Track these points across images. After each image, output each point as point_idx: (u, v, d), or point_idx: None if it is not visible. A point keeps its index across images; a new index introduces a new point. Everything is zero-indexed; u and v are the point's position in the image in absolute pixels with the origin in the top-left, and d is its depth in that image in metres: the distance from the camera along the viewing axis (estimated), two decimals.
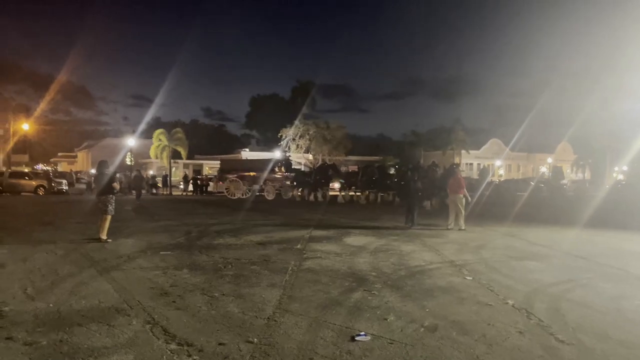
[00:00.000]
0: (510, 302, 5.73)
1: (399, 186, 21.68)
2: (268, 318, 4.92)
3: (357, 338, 4.35)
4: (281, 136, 55.22)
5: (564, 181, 37.88)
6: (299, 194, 28.79)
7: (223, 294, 5.85)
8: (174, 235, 11.19)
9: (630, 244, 11.23)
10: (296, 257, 8.50)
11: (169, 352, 3.95)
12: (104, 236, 10.06)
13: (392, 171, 30.52)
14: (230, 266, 7.61)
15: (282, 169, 30.25)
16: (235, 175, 30.11)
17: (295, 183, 29.18)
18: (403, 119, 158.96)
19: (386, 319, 4.97)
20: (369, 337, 4.38)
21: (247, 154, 55.30)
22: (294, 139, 54.48)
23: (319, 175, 27.84)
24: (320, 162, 38.51)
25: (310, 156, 54.36)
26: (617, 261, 8.72)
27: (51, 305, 5.26)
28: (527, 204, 23.54)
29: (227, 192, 29.83)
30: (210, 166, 52.79)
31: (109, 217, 10.26)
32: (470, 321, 4.96)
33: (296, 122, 54.38)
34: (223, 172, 32.73)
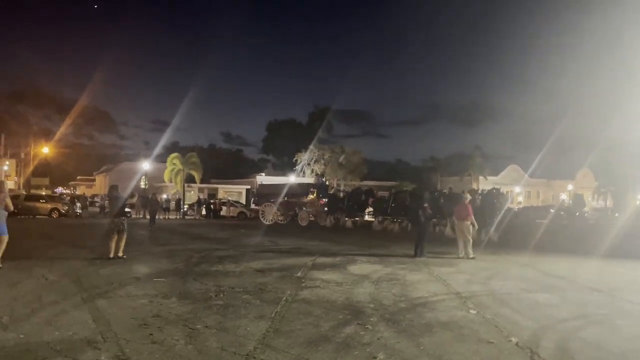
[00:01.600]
0: (514, 339, 5.27)
1: (410, 213, 20.73)
2: (247, 355, 4.56)
3: None
4: (296, 161, 55.16)
5: (585, 209, 36.79)
6: (332, 220, 27.15)
7: (206, 326, 5.50)
8: (174, 261, 10.92)
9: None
10: (293, 286, 8.12)
11: None
12: (120, 253, 10.92)
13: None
14: (222, 295, 7.27)
15: (315, 194, 28.56)
16: (270, 200, 29.39)
17: (327, 209, 27.70)
18: (422, 144, 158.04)
19: (375, 358, 4.56)
20: None
21: (262, 178, 55.27)
22: (308, 164, 54.36)
23: (352, 201, 26.72)
24: (355, 187, 36.82)
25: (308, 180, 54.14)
26: (637, 296, 8.15)
27: (22, 336, 4.98)
28: (545, 232, 22.77)
29: (261, 216, 29.20)
30: (225, 190, 52.84)
31: (124, 236, 11.04)
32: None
33: (311, 146, 54.32)
34: (260, 196, 32.08)
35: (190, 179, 43.70)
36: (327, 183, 33.47)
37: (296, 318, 6.01)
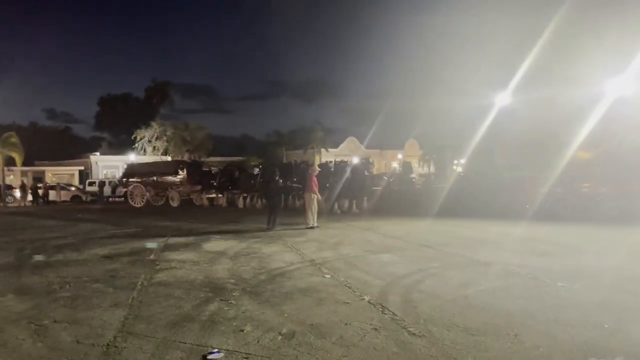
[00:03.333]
0: (367, 298, 5.80)
1: (262, 186, 20.55)
2: (107, 345, 4.33)
3: (209, 357, 3.99)
4: (135, 138, 51.94)
5: (413, 175, 40.72)
6: (206, 199, 25.75)
7: (55, 321, 5.06)
8: (1, 255, 9.67)
9: (471, 232, 12.31)
10: (147, 270, 7.80)
11: None
12: None
13: (256, 171, 29.18)
14: (67, 286, 6.70)
15: (184, 171, 26.57)
16: (138, 180, 26.91)
17: (200, 187, 25.97)
18: (266, 119, 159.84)
19: (242, 331, 4.67)
20: (222, 354, 4.04)
21: (97, 158, 51.01)
22: (150, 141, 51.60)
23: (224, 178, 25.33)
24: (227, 163, 34.02)
25: (169, 158, 51.92)
26: (461, 249, 9.44)
27: None
28: (380, 198, 24.87)
29: (130, 199, 26.68)
30: (54, 172, 47.66)
31: None
32: (329, 323, 4.88)
33: (152, 123, 51.54)
34: (127, 176, 29.04)
35: (10, 162, 38.49)
36: (200, 160, 31.14)
37: (155, 302, 5.83)
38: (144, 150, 51.85)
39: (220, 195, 25.48)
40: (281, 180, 14.60)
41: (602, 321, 4.77)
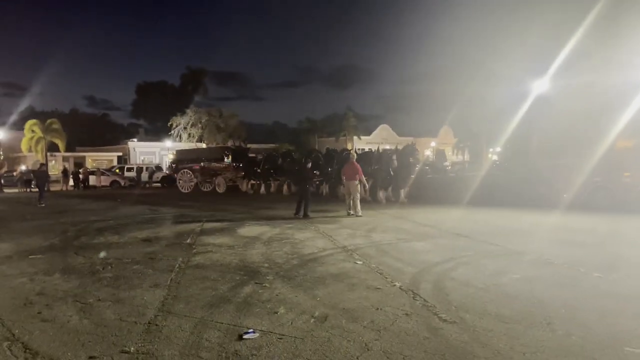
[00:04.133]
0: (398, 284, 5.85)
1: (292, 173, 19.71)
2: (148, 323, 4.54)
3: (244, 336, 4.14)
4: (171, 125, 52.96)
5: (447, 163, 40.22)
6: (250, 185, 25.39)
7: (99, 300, 5.32)
8: (47, 236, 10.14)
9: (505, 221, 12.16)
10: (185, 253, 8.06)
11: None
12: None
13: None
14: (109, 267, 7.01)
15: (231, 158, 26.06)
16: (187, 167, 27.28)
17: (244, 174, 25.74)
18: (298, 106, 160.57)
19: (276, 313, 4.81)
20: (257, 334, 4.19)
21: (134, 144, 52.31)
22: (185, 128, 52.52)
23: (268, 165, 24.77)
24: (270, 150, 33.25)
25: (204, 145, 52.78)
26: (494, 238, 9.34)
27: None
28: (414, 186, 24.71)
29: (179, 185, 27.22)
30: (93, 158, 49.20)
31: None
32: (360, 307, 4.96)
33: (187, 110, 52.39)
34: (176, 162, 29.46)
35: (53, 148, 39.93)
36: (245, 146, 30.47)
37: (193, 283, 6.03)
38: (180, 137, 52.84)
39: (263, 182, 24.78)
40: (311, 167, 14.25)
41: (638, 311, 4.70)
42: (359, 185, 13.76)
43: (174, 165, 30.63)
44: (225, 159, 26.28)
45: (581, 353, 3.73)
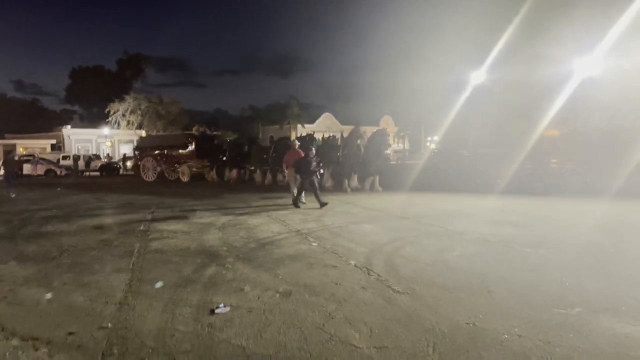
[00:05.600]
0: (353, 262, 6.28)
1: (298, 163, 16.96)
2: (119, 303, 4.71)
3: (216, 311, 4.41)
4: (109, 111, 51.13)
5: (388, 151, 41.28)
6: (215, 174, 24.43)
7: (64, 284, 5.40)
8: None
9: (446, 204, 12.93)
10: (141, 239, 8.14)
11: (11, 349, 3.59)
12: None
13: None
14: (66, 254, 7.01)
15: (195, 145, 25.05)
16: (150, 154, 26.28)
17: (209, 162, 24.79)
18: (240, 94, 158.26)
19: (242, 290, 5.10)
20: (228, 309, 4.47)
21: (69, 132, 50.12)
22: (124, 115, 50.87)
23: (234, 152, 23.73)
24: (236, 138, 31.83)
25: (144, 132, 51.38)
26: (437, 220, 10.01)
27: None
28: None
29: (142, 173, 26.14)
30: (24, 146, 46.72)
31: None
32: (320, 283, 5.34)
33: (126, 96, 50.70)
34: (141, 150, 28.34)
35: None
36: (211, 133, 29.30)
37: (155, 267, 6.20)
38: (118, 124, 51.18)
39: (230, 171, 23.75)
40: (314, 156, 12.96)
41: (563, 280, 5.36)
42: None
43: (137, 153, 29.52)
44: (190, 146, 25.36)
45: (516, 314, 4.29)
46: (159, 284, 5.28)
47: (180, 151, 25.65)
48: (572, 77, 16.43)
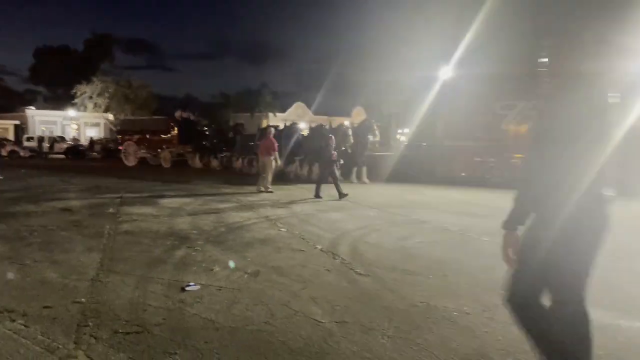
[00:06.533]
0: (319, 247, 6.56)
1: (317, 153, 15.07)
2: (92, 279, 4.87)
3: (187, 288, 4.62)
4: (75, 93, 49.93)
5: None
6: (199, 160, 23.72)
7: (35, 261, 5.51)
8: None
9: (411, 195, 13.35)
10: (110, 221, 8.22)
11: None
12: None
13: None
14: (36, 234, 7.07)
15: (177, 130, 24.58)
16: (132, 138, 25.60)
17: (192, 148, 24.17)
18: (211, 80, 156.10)
19: (212, 270, 5.32)
20: (198, 287, 4.69)
21: (33, 112, 48.78)
22: (91, 97, 49.76)
23: (217, 139, 23.50)
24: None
25: (111, 116, 50.43)
26: (402, 209, 10.40)
27: None
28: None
29: (124, 157, 25.46)
30: None
31: None
32: (287, 265, 5.61)
33: (93, 78, 49.58)
34: (123, 133, 27.60)
35: None
36: (194, 118, 28.71)
37: (126, 248, 6.34)
38: (85, 107, 50.07)
39: (213, 157, 23.20)
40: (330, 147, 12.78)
41: None
42: (273, 162, 14.07)
43: (119, 137, 28.80)
44: (172, 131, 24.86)
45: (467, 295, 4.64)
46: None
47: (163, 136, 25.23)
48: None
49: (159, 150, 24.97)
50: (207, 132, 24.64)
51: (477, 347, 3.46)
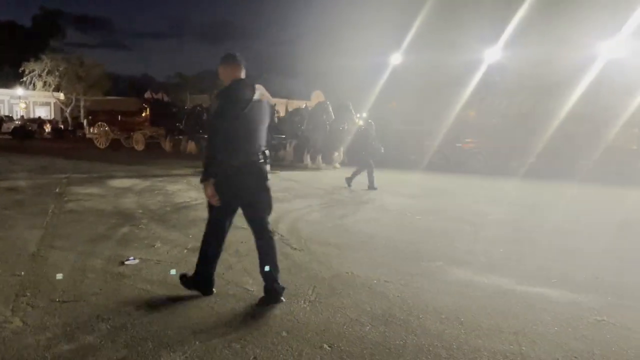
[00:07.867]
0: None
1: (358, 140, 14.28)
2: (32, 254, 5.02)
3: (126, 262, 4.86)
4: (23, 71, 47.94)
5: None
6: (171, 143, 22.47)
7: None
8: None
9: (359, 177, 13.76)
10: (56, 201, 8.27)
11: None
12: None
13: None
14: None
15: (149, 111, 23.19)
16: (103, 119, 24.44)
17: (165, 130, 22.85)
18: (168, 60, 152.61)
19: (153, 246, 5.56)
20: (137, 261, 4.93)
21: None
22: (40, 75, 47.91)
23: (192, 121, 21.42)
24: (194, 105, 28.37)
25: (62, 95, 48.79)
26: (347, 191, 10.83)
27: None
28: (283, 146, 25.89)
29: (95, 140, 24.31)
30: None
31: None
32: (227, 242, 5.83)
33: (43, 56, 47.69)
34: (94, 114, 26.42)
35: None
36: (166, 99, 27.09)
37: (70, 225, 6.47)
38: (34, 85, 48.20)
39: (187, 140, 21.86)
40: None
41: (437, 241, 6.26)
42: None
43: (90, 117, 27.56)
44: (143, 112, 23.89)
45: (390, 266, 5.07)
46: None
47: (136, 118, 24.37)
48: (480, 64, 17.76)
49: (131, 133, 24.01)
50: (180, 115, 23.39)
51: (387, 309, 3.87)
